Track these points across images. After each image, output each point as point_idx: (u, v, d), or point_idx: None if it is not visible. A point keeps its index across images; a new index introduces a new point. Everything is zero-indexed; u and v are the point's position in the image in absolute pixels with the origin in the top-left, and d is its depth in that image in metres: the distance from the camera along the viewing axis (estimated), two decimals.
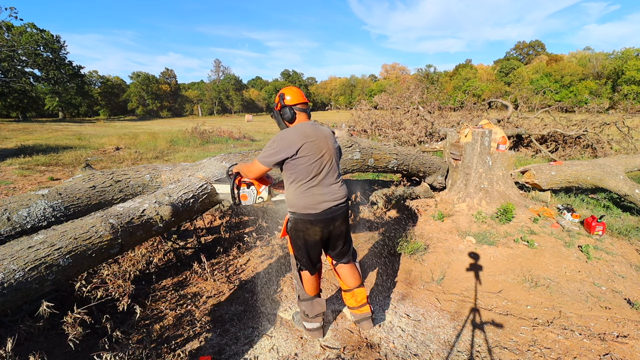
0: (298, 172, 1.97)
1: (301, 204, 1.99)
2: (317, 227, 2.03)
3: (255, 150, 3.71)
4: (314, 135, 1.97)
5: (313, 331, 2.28)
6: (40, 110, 46.68)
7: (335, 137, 2.19)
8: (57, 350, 2.10)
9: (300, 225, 2.04)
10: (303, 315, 2.27)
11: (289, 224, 2.11)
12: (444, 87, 26.63)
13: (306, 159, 1.94)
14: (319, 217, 2.01)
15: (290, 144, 1.91)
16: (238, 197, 2.37)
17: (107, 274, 2.65)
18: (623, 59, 47.76)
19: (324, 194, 2.02)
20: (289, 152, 1.92)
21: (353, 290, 2.30)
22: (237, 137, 14.67)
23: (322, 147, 1.99)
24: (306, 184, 1.98)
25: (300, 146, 1.91)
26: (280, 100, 2.08)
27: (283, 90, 2.10)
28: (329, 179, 2.04)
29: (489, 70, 65.28)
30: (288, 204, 2.08)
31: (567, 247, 3.64)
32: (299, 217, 2.03)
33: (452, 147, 5.01)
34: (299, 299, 2.27)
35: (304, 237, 2.07)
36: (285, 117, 2.07)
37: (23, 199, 2.51)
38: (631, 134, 8.70)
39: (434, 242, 3.77)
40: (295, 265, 2.21)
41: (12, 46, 34.52)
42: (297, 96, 2.07)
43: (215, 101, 77.00)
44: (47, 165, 8.13)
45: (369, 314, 2.32)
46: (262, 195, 2.38)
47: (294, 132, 1.96)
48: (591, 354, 2.16)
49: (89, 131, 19.79)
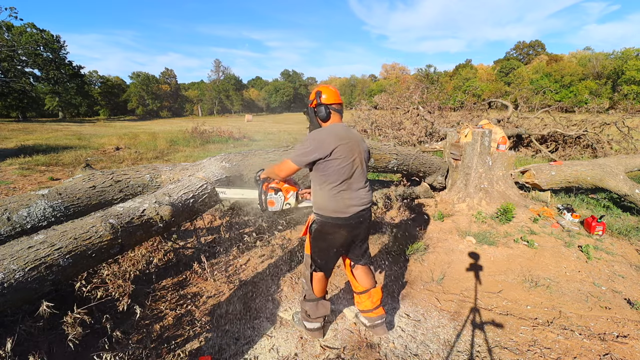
0: (329, 175, 1.93)
1: (331, 207, 1.97)
2: (344, 231, 2.01)
3: (255, 150, 3.70)
4: (347, 138, 1.95)
5: (313, 331, 2.27)
6: (40, 110, 46.68)
7: None
8: (57, 350, 2.10)
9: (327, 228, 2.01)
10: (304, 315, 2.26)
11: (314, 225, 2.07)
12: (444, 87, 26.62)
13: (339, 161, 1.91)
14: (348, 222, 1.99)
15: (324, 145, 1.88)
16: (265, 203, 2.33)
17: (107, 274, 2.65)
18: (623, 59, 47.80)
19: (352, 198, 1.99)
20: (323, 152, 1.88)
21: (369, 291, 2.26)
22: (237, 137, 14.65)
23: (354, 150, 1.96)
24: (337, 187, 1.95)
25: (334, 148, 1.88)
26: (317, 97, 2.03)
27: (320, 87, 2.06)
28: (358, 183, 2.02)
29: (489, 70, 65.27)
30: (316, 206, 2.04)
31: (567, 247, 3.64)
32: (326, 220, 1.99)
33: (452, 147, 5.01)
34: (304, 298, 2.24)
35: (329, 240, 2.04)
36: (319, 116, 2.04)
37: (23, 199, 2.51)
38: (631, 134, 8.69)
39: (434, 242, 3.77)
40: (309, 266, 2.16)
41: (12, 46, 34.55)
42: (334, 96, 2.03)
43: (215, 101, 76.94)
44: (47, 165, 8.13)
45: (384, 316, 2.30)
46: (289, 201, 2.34)
47: (327, 132, 1.93)
48: (591, 354, 2.16)
49: (89, 131, 19.78)
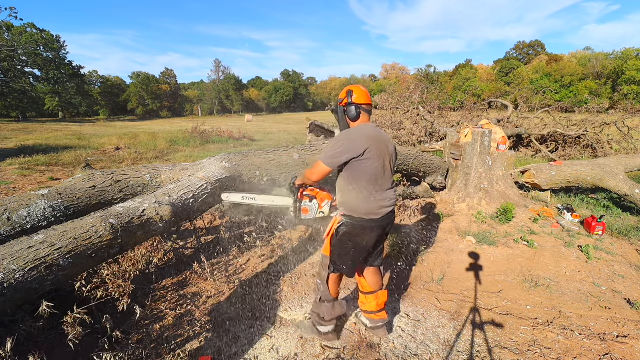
0: (361, 175, 1.91)
1: (363, 209, 1.94)
2: (374, 232, 2.00)
3: (255, 150, 3.70)
4: (377, 138, 1.94)
5: (328, 334, 2.22)
6: (40, 110, 46.61)
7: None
8: (57, 350, 2.10)
9: (357, 230, 1.98)
10: (318, 319, 2.19)
11: (342, 227, 2.00)
12: (444, 87, 26.62)
13: (371, 161, 1.89)
14: (379, 223, 1.98)
15: (356, 145, 1.86)
16: (299, 211, 2.30)
17: (107, 274, 2.65)
18: (623, 59, 47.76)
19: (383, 199, 1.98)
20: (355, 152, 1.86)
21: (377, 292, 2.25)
22: (237, 137, 14.65)
23: (384, 151, 1.95)
24: (369, 189, 1.93)
25: (366, 148, 1.86)
26: (348, 96, 2.01)
27: (351, 87, 2.04)
28: (387, 184, 2.00)
29: (489, 70, 65.26)
30: (346, 208, 1.99)
31: (567, 247, 3.64)
32: (358, 222, 1.96)
33: (452, 147, 5.01)
34: (319, 300, 2.17)
35: (358, 243, 2.00)
36: (349, 115, 2.02)
37: (23, 199, 2.51)
38: (631, 134, 8.69)
39: (434, 242, 3.77)
40: (326, 267, 2.10)
41: (12, 46, 34.53)
42: (365, 96, 2.01)
43: (215, 101, 76.89)
44: (47, 165, 8.12)
45: (386, 320, 2.29)
46: (323, 209, 2.31)
47: (358, 132, 1.92)
48: (591, 354, 2.16)
49: (89, 131, 19.78)
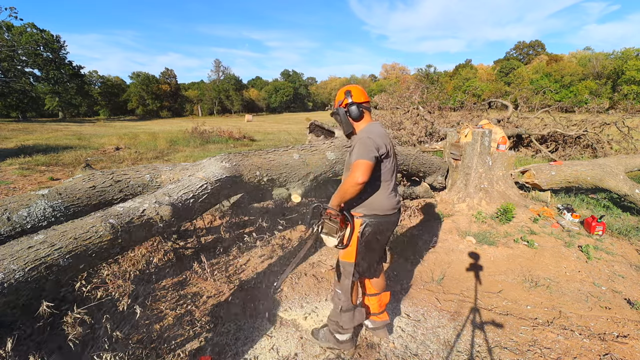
0: (383, 173, 1.92)
1: (387, 205, 1.95)
2: (394, 227, 2.06)
3: (255, 150, 3.69)
4: (388, 136, 1.97)
5: (345, 343, 2.15)
6: (40, 110, 46.64)
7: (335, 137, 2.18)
8: (57, 350, 2.10)
9: (382, 228, 1.98)
10: (336, 327, 2.13)
11: (367, 228, 1.94)
12: (444, 87, 26.61)
13: (390, 159, 1.93)
14: (397, 217, 2.04)
15: (380, 143, 1.85)
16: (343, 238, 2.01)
17: (107, 274, 2.65)
18: (623, 59, 47.79)
19: (397, 195, 2.03)
20: (382, 150, 1.86)
21: (380, 294, 2.24)
22: (237, 137, 14.65)
23: (392, 148, 1.99)
24: (389, 185, 1.95)
25: (388, 145, 1.89)
26: (347, 97, 2.00)
27: (349, 87, 2.04)
28: (396, 179, 2.05)
29: (489, 70, 65.30)
30: (370, 207, 1.94)
31: (567, 247, 3.64)
32: (382, 219, 1.96)
33: (452, 147, 5.01)
34: (340, 310, 2.08)
35: (381, 241, 2.02)
36: (352, 115, 1.99)
37: (23, 199, 2.50)
38: (631, 134, 8.69)
39: (434, 242, 3.77)
40: (350, 275, 2.02)
41: (12, 46, 34.54)
42: (363, 94, 2.02)
43: (215, 101, 76.86)
44: (47, 165, 8.12)
45: (387, 321, 2.29)
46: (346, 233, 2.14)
47: (375, 131, 1.90)
48: (591, 354, 2.16)
49: (89, 131, 19.78)
